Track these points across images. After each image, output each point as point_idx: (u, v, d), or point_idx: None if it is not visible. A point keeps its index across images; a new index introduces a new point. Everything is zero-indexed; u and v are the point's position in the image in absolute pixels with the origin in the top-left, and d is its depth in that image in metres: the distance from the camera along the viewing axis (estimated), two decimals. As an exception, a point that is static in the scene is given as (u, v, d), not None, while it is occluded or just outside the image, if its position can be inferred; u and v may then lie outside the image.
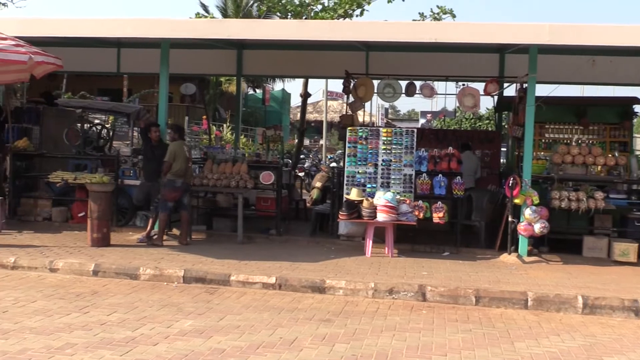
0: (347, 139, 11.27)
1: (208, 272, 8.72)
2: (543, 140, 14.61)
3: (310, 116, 40.08)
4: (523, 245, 10.42)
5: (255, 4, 22.52)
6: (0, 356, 5.51)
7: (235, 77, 17.72)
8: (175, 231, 11.38)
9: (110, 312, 7.02)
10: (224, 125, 31.73)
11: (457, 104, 12.76)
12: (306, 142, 34.83)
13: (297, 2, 16.90)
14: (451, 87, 14.23)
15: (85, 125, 15.17)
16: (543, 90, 11.69)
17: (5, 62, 10.51)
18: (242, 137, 27.27)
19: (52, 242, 10.49)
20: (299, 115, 24.73)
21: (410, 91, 12.62)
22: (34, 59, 10.19)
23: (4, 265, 9.08)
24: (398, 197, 10.52)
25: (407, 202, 10.50)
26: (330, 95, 38.34)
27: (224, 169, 11.36)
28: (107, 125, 18.63)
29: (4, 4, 26.11)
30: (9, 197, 12.47)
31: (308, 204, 14.73)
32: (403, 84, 12.73)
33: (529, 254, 10.41)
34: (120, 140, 21.23)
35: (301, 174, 19.95)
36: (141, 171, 11.75)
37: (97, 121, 19.33)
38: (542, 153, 14.07)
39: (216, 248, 10.53)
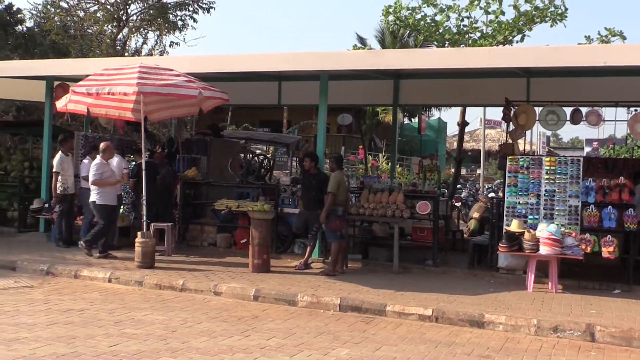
0: (507, 168, 10.88)
1: (364, 301, 8.71)
2: None
3: (467, 145, 39.36)
4: None
5: (412, 34, 22.58)
6: (169, 374, 5.82)
7: (391, 107, 17.79)
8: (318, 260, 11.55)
9: (270, 337, 7.20)
10: (380, 154, 31.96)
11: (628, 131, 11.94)
12: (463, 171, 34.16)
13: (455, 31, 16.73)
14: (621, 113, 13.41)
15: (248, 155, 15.87)
16: None
17: (178, 97, 11.32)
18: (398, 166, 27.28)
19: (217, 267, 11.01)
20: (455, 144, 24.37)
21: (575, 118, 12.00)
22: (203, 93, 10.86)
23: (174, 287, 9.64)
24: (563, 229, 9.96)
25: (573, 235, 9.91)
26: (487, 124, 37.42)
27: (380, 198, 11.36)
28: (268, 155, 19.39)
29: (176, 44, 28.30)
30: (179, 223, 13.32)
31: (465, 235, 14.36)
32: (567, 110, 12.14)
33: None
34: (280, 170, 22.01)
35: (458, 204, 19.52)
36: (300, 200, 12.05)
37: (258, 151, 20.20)
38: None
39: (372, 277, 10.52)
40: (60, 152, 12.65)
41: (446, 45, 16.90)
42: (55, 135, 14.13)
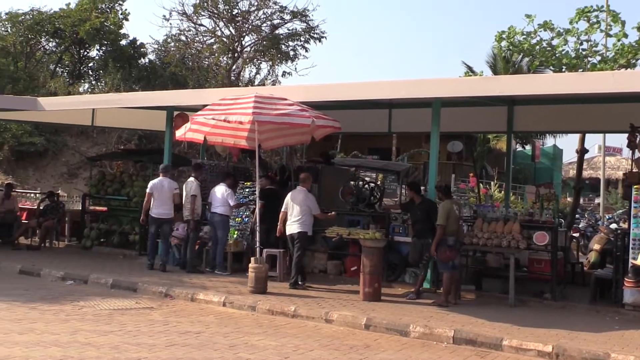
0: (632, 198, 10.31)
1: (479, 334, 8.43)
2: None
3: (584, 173, 37.74)
4: None
5: (527, 59, 21.98)
6: (283, 401, 5.82)
7: (503, 134, 17.33)
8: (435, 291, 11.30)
9: (382, 368, 7.09)
10: (492, 182, 31.19)
11: None
12: (580, 200, 32.72)
13: (573, 55, 16.13)
14: None
15: (358, 182, 15.87)
16: None
17: (292, 126, 11.52)
18: (511, 195, 26.51)
19: (327, 294, 11.02)
20: (570, 172, 23.41)
21: None
22: (315, 122, 10.98)
23: (286, 313, 9.72)
24: (696, 264, 9.28)
25: None
26: (607, 151, 35.77)
27: (495, 227, 11.02)
28: (377, 183, 19.32)
29: (288, 73, 29.01)
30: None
31: (585, 268, 13.65)
32: (700, 136, 11.34)
33: None
34: (389, 198, 21.88)
35: (576, 235, 18.64)
36: (410, 228, 11.88)
37: (368, 179, 20.17)
38: None
39: (486, 309, 10.18)
40: (192, 178, 13.16)
41: (563, 69, 16.32)
42: (174, 162, 14.73)
